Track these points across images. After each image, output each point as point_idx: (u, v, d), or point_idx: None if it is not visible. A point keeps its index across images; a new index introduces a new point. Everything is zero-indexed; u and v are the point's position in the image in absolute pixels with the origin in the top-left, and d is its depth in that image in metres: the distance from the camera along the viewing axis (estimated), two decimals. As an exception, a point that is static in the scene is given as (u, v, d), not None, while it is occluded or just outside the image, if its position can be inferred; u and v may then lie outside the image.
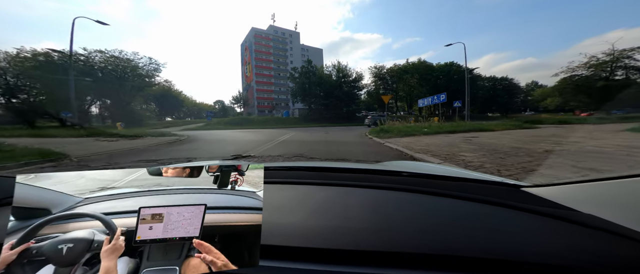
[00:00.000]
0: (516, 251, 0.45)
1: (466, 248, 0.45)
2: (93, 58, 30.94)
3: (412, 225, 0.55)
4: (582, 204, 0.53)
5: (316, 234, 0.50)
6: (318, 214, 0.60)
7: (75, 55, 28.66)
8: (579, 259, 0.42)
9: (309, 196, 0.72)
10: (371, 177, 0.89)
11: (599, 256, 0.43)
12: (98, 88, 30.99)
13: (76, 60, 27.34)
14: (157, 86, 41.13)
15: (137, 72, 35.82)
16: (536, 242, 0.48)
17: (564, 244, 0.47)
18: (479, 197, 0.67)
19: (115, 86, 31.92)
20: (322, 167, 1.04)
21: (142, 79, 36.99)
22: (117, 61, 32.68)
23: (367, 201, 0.68)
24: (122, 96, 33.52)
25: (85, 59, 29.52)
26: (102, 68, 31.52)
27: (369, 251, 0.45)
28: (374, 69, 46.58)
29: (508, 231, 0.52)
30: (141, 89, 37.66)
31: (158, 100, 64.73)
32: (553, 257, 0.43)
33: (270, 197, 0.62)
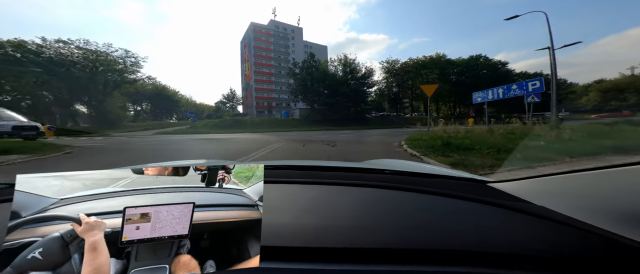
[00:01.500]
0: (482, 242, 0.48)
1: (437, 240, 0.49)
2: (57, 50, 26.28)
3: (392, 221, 0.57)
4: (537, 197, 0.59)
5: (305, 233, 0.51)
6: (306, 213, 0.61)
7: (30, 45, 24.10)
8: (534, 248, 0.46)
9: (296, 195, 0.73)
10: (356, 176, 0.91)
11: (550, 244, 0.47)
12: (60, 84, 26.43)
13: (27, 52, 22.71)
14: (140, 83, 36.21)
15: (111, 67, 31.15)
16: (499, 233, 0.51)
17: (522, 234, 0.51)
18: (450, 192, 0.71)
19: (83, 82, 27.17)
20: (309, 166, 1.03)
21: (119, 74, 32.28)
22: (85, 54, 28.00)
23: (352, 199, 0.70)
24: (93, 93, 28.77)
25: (37, 50, 24.68)
26: (65, 61, 26.70)
27: (355, 248, 0.46)
28: (386, 64, 40.53)
29: (473, 223, 0.56)
30: (117, 85, 32.87)
31: (151, 100, 60.74)
32: (514, 247, 0.46)
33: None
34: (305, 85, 33.20)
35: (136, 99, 59.06)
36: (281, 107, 55.52)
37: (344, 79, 32.95)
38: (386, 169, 0.91)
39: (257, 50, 59.81)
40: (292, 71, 34.98)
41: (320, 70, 33.05)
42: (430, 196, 0.70)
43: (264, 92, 59.49)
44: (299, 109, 40.47)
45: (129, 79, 33.65)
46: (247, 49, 62.36)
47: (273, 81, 61.14)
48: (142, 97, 59.56)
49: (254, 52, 59.07)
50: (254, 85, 58.32)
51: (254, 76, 58.58)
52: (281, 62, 61.13)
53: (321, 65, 33.95)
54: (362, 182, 0.80)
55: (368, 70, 33.62)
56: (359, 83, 33.00)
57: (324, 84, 32.41)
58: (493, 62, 40.58)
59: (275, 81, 61.12)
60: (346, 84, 32.16)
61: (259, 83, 59.27)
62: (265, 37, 61.63)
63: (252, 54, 59.06)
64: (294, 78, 34.54)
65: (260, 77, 59.61)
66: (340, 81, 32.63)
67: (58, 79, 25.57)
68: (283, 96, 58.94)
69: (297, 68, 34.55)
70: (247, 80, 62.84)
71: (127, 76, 33.54)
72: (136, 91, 56.10)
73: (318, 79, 32.46)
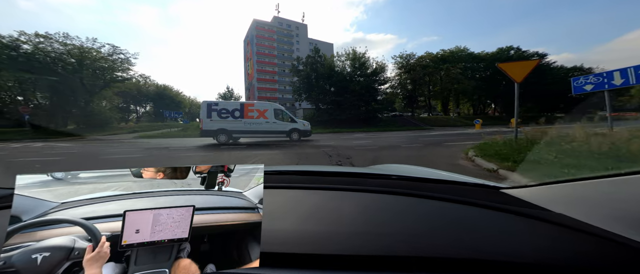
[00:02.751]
0: (496, 251, 0.46)
1: (449, 248, 0.47)
2: (37, 45, 23.82)
3: (399, 228, 0.56)
4: (555, 204, 0.57)
5: (309, 239, 0.50)
6: (310, 219, 0.60)
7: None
8: (553, 258, 0.44)
9: (301, 200, 0.72)
10: (362, 181, 0.89)
11: (570, 253, 0.45)
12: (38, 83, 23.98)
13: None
14: (133, 81, 33.63)
15: (99, 65, 28.55)
16: (514, 242, 0.50)
17: (539, 243, 0.49)
18: (462, 199, 0.69)
19: (66, 80, 24.63)
20: (313, 171, 1.00)
21: (108, 72, 29.66)
22: (67, 49, 25.46)
23: (358, 205, 0.68)
24: (77, 93, 26.22)
25: (10, 43, 22.09)
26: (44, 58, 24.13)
27: (360, 256, 0.45)
28: (399, 59, 36.20)
29: (489, 231, 0.54)
30: (106, 84, 30.25)
31: (153, 101, 58.93)
32: (530, 256, 0.44)
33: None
34: (309, 82, 29.60)
35: (138, 100, 57.47)
36: (285, 108, 52.25)
37: (353, 74, 29.19)
38: (392, 175, 0.90)
39: (260, 48, 56.88)
40: (295, 68, 31.41)
41: (326, 65, 29.37)
42: (440, 202, 0.68)
43: (267, 92, 56.44)
44: (302, 109, 36.91)
45: (119, 77, 30.92)
46: (249, 47, 59.63)
47: (276, 79, 58.04)
48: (144, 98, 57.89)
49: (256, 50, 56.20)
50: (257, 84, 55.39)
51: (257, 74, 55.68)
52: (285, 60, 57.89)
53: (327, 61, 30.11)
54: (367, 188, 0.78)
55: (380, 65, 29.63)
56: (370, 79, 29.16)
57: (330, 80, 28.73)
58: (528, 54, 34.62)
59: (278, 80, 57.99)
60: (355, 81, 28.44)
61: (262, 82, 56.31)
62: (268, 34, 58.66)
63: (255, 52, 56.22)
64: (298, 75, 30.99)
65: (263, 76, 56.65)
66: (349, 76, 28.89)
67: (35, 77, 23.09)
68: (287, 96, 55.50)
69: (301, 64, 31.01)
70: (249, 79, 60.06)
71: (118, 74, 30.88)
72: (138, 92, 54.53)
73: (324, 75, 28.74)
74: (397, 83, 36.14)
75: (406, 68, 35.18)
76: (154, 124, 28.18)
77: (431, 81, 35.44)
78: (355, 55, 29.33)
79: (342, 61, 30.67)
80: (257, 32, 57.03)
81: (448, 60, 34.80)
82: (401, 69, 36.12)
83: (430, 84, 35.88)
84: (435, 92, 37.06)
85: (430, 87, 36.00)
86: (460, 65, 33.46)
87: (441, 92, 36.50)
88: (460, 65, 33.46)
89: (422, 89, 36.28)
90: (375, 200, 0.70)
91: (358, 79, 28.84)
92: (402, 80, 36.03)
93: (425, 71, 33.83)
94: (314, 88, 29.29)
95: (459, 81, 32.45)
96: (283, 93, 57.26)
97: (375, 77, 29.61)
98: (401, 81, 36.04)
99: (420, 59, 35.87)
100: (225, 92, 47.91)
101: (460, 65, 33.53)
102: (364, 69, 29.15)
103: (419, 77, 33.19)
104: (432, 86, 35.99)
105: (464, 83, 32.03)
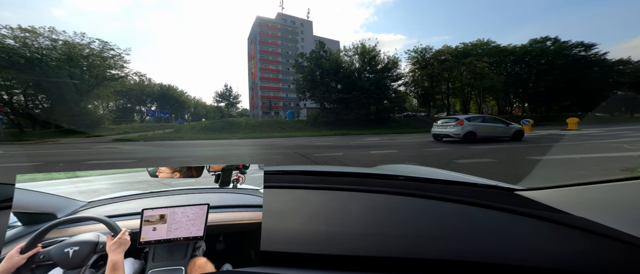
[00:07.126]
0: (511, 254, 0.45)
1: (462, 252, 0.45)
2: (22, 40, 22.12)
3: (409, 230, 0.55)
4: (574, 207, 0.54)
5: (314, 239, 0.50)
6: (316, 219, 0.60)
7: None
8: (572, 262, 0.42)
9: (306, 200, 0.72)
10: (368, 181, 0.88)
11: (590, 258, 0.44)
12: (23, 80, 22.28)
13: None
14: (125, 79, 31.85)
15: (89, 62, 26.75)
16: (530, 245, 0.48)
17: (557, 247, 0.47)
18: (473, 200, 0.67)
19: (52, 78, 22.88)
20: (319, 171, 0.99)
21: (99, 70, 27.84)
22: (54, 45, 23.69)
23: (364, 206, 0.68)
24: (65, 91, 24.45)
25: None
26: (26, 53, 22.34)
27: (367, 257, 0.45)
28: (413, 54, 32.77)
29: (503, 234, 0.52)
30: (98, 83, 28.46)
31: (157, 101, 57.91)
32: (546, 260, 0.43)
33: (268, 202, 0.61)
34: (314, 79, 26.75)
35: (141, 100, 56.56)
36: (289, 108, 49.68)
37: (362, 70, 26.10)
38: (400, 175, 0.88)
39: (263, 45, 54.47)
40: (299, 64, 28.63)
41: (332, 60, 26.33)
42: (453, 204, 0.66)
43: (270, 91, 53.92)
44: (306, 108, 34.00)
45: (109, 75, 29.04)
46: (253, 46, 57.36)
47: (280, 78, 55.47)
48: (148, 98, 56.94)
49: (259, 48, 53.92)
50: (259, 83, 53.02)
51: (260, 73, 53.32)
52: (289, 58, 55.26)
53: (332, 56, 26.97)
54: (374, 189, 0.77)
55: (392, 60, 26.29)
56: (380, 76, 25.91)
57: (336, 76, 25.72)
58: (569, 45, 28.48)
59: (282, 79, 55.40)
60: (364, 77, 25.36)
61: (265, 81, 53.85)
62: (272, 31, 56.22)
63: (258, 49, 54.00)
64: (301, 71, 28.17)
65: (266, 74, 54.18)
66: (357, 72, 25.82)
67: (15, 74, 21.37)
68: (291, 95, 52.91)
69: (305, 60, 28.18)
70: (253, 78, 57.86)
71: (111, 72, 29.06)
72: (141, 91, 53.49)
73: (329, 71, 25.70)
74: (410, 80, 32.68)
75: (422, 63, 31.73)
76: (153, 124, 25.95)
77: (451, 77, 31.73)
78: (364, 49, 26.12)
79: (349, 56, 27.52)
80: (261, 29, 54.77)
81: (470, 54, 31.01)
82: (415, 65, 32.65)
83: (449, 81, 32.19)
84: (455, 89, 33.28)
85: (449, 84, 32.31)
86: (486, 59, 29.73)
87: (462, 89, 32.75)
88: (486, 59, 29.73)
89: (439, 86, 32.70)
90: (383, 201, 0.69)
91: (367, 75, 25.75)
92: (416, 76, 32.55)
93: (443, 66, 30.14)
94: (318, 85, 26.34)
95: (486, 76, 28.72)
96: (287, 92, 54.66)
97: (387, 73, 26.32)
98: (415, 78, 32.58)
99: (437, 53, 32.11)
100: (223, 90, 45.87)
101: (487, 59, 29.81)
102: (374, 65, 25.96)
103: (436, 73, 29.71)
104: (451, 82, 32.30)
105: (492, 78, 28.23)
